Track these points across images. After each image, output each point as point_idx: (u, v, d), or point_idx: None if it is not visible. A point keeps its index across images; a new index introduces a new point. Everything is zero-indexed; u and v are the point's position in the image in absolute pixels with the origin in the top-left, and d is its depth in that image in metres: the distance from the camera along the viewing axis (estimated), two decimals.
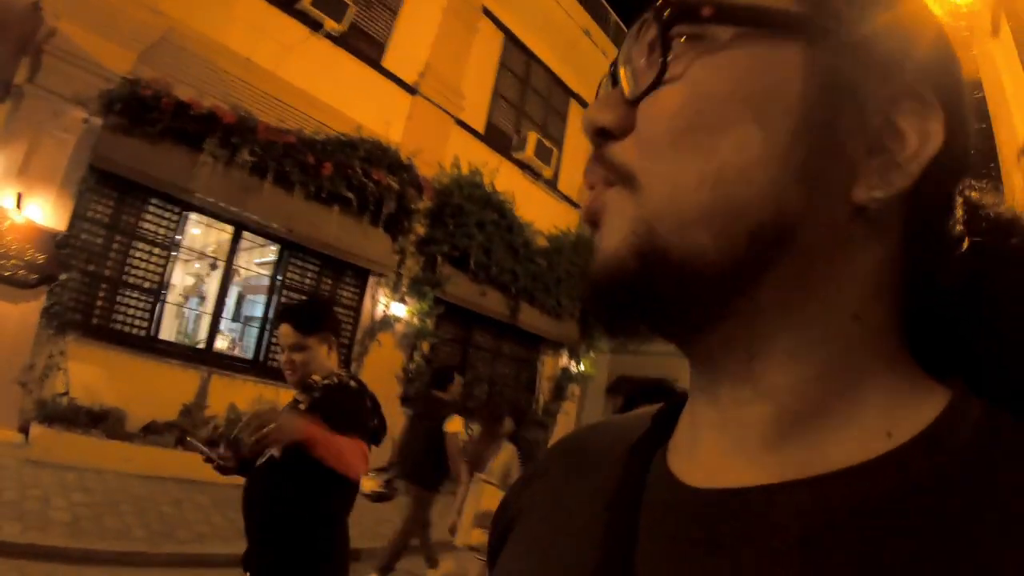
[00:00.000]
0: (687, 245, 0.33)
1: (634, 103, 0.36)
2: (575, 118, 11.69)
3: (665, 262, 0.33)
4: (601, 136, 0.37)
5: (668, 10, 0.34)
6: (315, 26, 7.82)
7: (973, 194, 0.38)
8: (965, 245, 0.37)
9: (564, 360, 10.94)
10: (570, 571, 0.39)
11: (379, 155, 7.65)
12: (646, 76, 0.35)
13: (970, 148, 0.36)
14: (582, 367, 10.95)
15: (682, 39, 0.34)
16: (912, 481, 0.31)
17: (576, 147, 11.43)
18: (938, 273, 0.36)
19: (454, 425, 4.69)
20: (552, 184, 10.93)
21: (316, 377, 2.23)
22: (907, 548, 0.29)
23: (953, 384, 0.35)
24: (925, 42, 0.35)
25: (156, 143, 6.38)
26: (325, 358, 2.28)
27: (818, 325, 0.35)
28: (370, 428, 2.20)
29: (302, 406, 2.21)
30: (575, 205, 11.28)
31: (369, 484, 4.50)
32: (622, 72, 0.37)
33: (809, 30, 0.33)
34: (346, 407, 2.14)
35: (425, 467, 4.69)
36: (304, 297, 7.56)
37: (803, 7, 0.33)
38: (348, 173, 7.38)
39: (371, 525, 6.34)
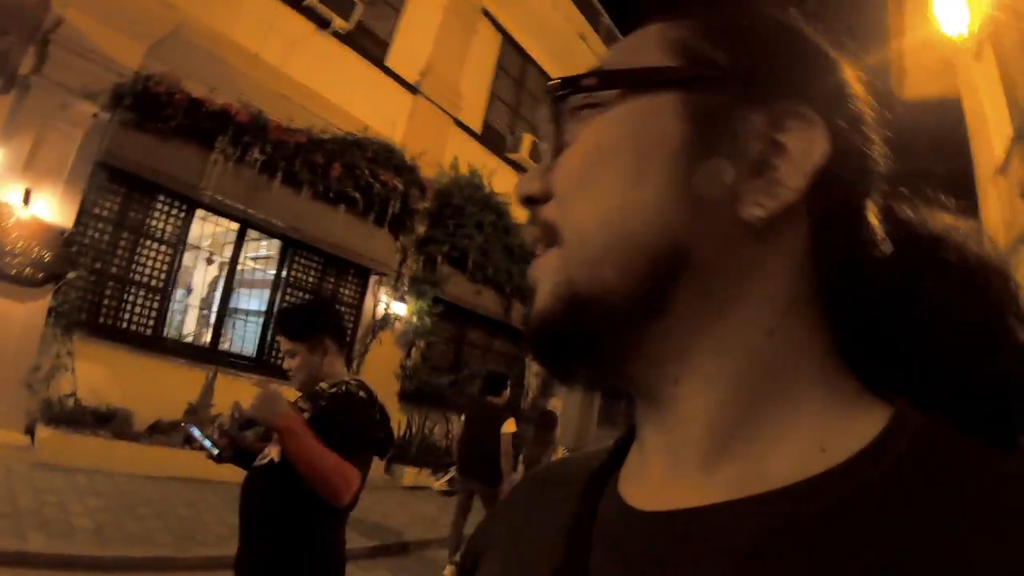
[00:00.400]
0: (596, 282, 0.36)
1: (551, 170, 0.40)
2: None
3: (581, 301, 0.36)
4: (530, 203, 0.41)
5: (559, 89, 0.40)
6: (323, 23, 7.75)
7: (902, 210, 0.41)
8: (888, 256, 0.38)
9: None
10: None
11: (386, 156, 7.66)
12: (554, 145, 0.41)
13: (869, 160, 0.38)
14: None
15: (579, 108, 0.40)
16: (849, 499, 0.31)
17: None
18: (855, 287, 0.38)
19: (510, 427, 5.14)
20: None
21: (323, 384, 2.13)
22: (846, 566, 0.29)
23: (894, 399, 0.36)
24: (802, 65, 0.38)
25: (167, 139, 6.28)
26: (321, 364, 2.18)
27: (733, 344, 0.36)
28: (376, 442, 2.12)
29: (306, 415, 2.10)
30: None
31: (437, 486, 4.80)
32: (543, 147, 0.42)
33: (680, 80, 0.37)
34: (350, 423, 2.02)
35: (489, 466, 5.12)
36: (304, 297, 7.56)
37: (675, 60, 0.38)
38: (356, 173, 7.38)
39: (378, 520, 6.45)
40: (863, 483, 0.32)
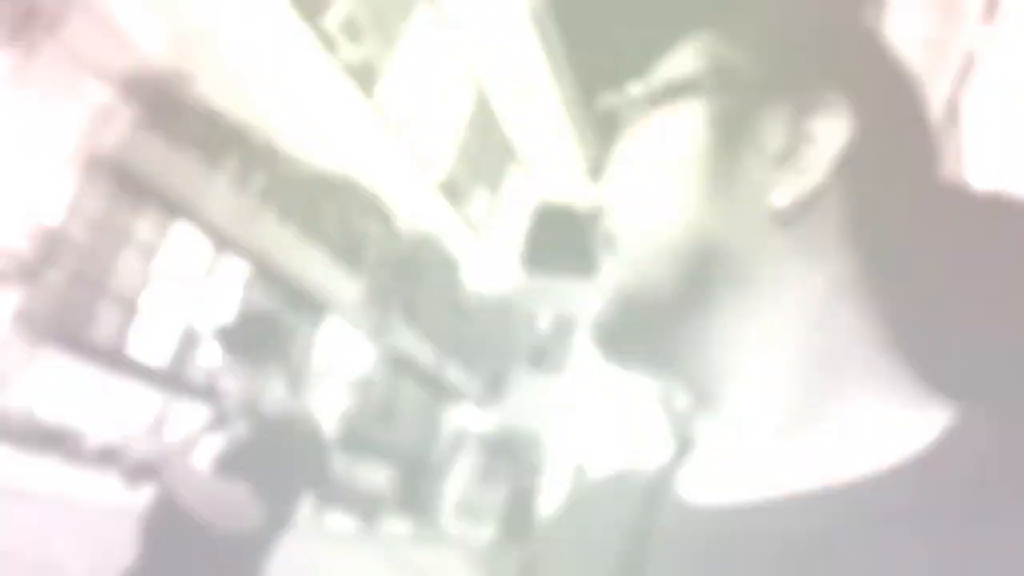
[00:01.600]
0: (639, 282, 0.39)
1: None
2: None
3: (629, 301, 0.39)
4: (596, 215, 0.44)
5: (602, 107, 0.44)
6: (331, 47, 7.58)
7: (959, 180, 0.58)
8: (944, 229, 0.37)
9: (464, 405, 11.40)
10: None
11: (373, 203, 7.67)
12: (609, 159, 0.44)
13: (903, 137, 0.38)
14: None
15: (624, 122, 0.43)
16: (891, 506, 0.30)
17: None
18: (902, 272, 0.37)
19: None
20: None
21: (266, 408, 1.99)
22: (871, 571, 0.29)
23: (961, 404, 0.34)
24: (831, 50, 0.39)
25: (178, 147, 5.82)
26: (264, 386, 2.00)
27: (778, 339, 0.36)
28: (312, 475, 2.01)
29: (241, 438, 1.96)
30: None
31: None
32: (606, 161, 0.45)
33: (704, 86, 0.39)
34: (288, 452, 1.88)
35: None
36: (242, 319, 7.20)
37: (702, 68, 0.40)
38: (343, 216, 7.30)
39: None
40: (903, 488, 0.31)
